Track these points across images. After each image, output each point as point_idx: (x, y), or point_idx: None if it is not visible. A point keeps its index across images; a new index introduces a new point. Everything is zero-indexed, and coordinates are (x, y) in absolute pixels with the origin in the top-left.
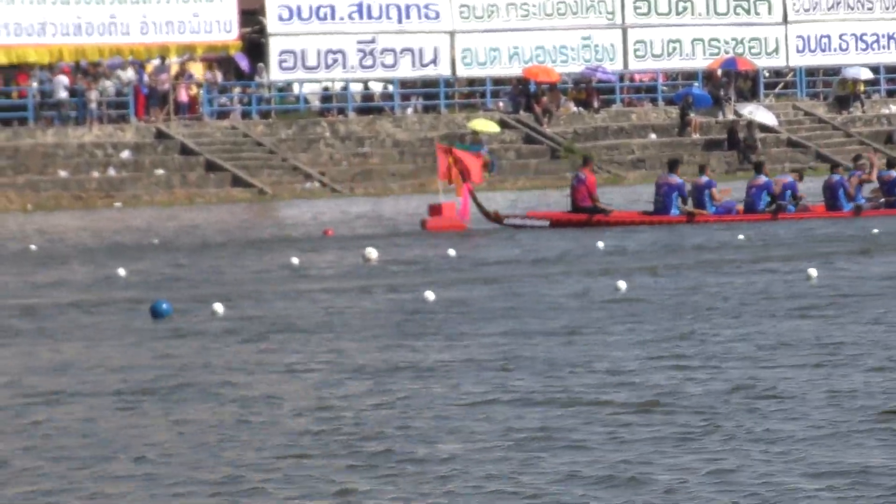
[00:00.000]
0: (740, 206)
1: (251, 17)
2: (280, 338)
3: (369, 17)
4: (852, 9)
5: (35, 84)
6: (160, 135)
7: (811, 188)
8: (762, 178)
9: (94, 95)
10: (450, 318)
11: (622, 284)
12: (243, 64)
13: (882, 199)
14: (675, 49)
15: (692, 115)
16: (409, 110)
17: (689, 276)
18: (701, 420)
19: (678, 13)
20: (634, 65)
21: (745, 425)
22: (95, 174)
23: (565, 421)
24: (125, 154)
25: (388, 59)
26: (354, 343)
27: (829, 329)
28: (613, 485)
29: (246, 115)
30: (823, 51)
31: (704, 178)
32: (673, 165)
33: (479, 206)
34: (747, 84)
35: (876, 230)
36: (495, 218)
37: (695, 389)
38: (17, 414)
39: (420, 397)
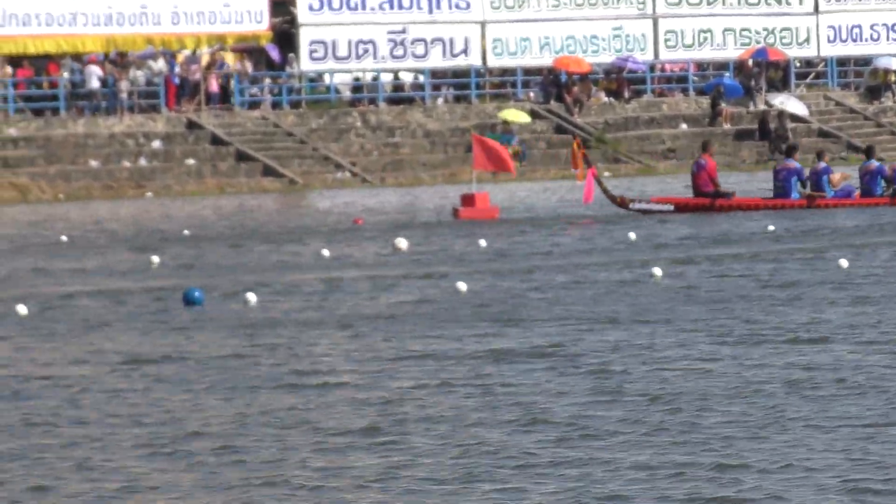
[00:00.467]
0: (857, 192)
1: (282, 7)
2: (311, 326)
3: (400, 7)
4: (883, 0)
5: (66, 74)
6: (191, 125)
7: None
8: (874, 164)
9: (124, 86)
10: (491, 310)
11: (657, 271)
12: (274, 54)
13: None
14: (706, 39)
15: (723, 105)
16: (440, 100)
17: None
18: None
19: (709, 3)
20: (665, 55)
21: None
22: (126, 164)
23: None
24: (156, 144)
25: (419, 50)
26: (383, 332)
27: None
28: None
29: (276, 105)
30: (854, 41)
31: (822, 164)
32: (791, 151)
33: (604, 190)
34: (778, 74)
35: None
36: (621, 203)
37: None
38: (52, 396)
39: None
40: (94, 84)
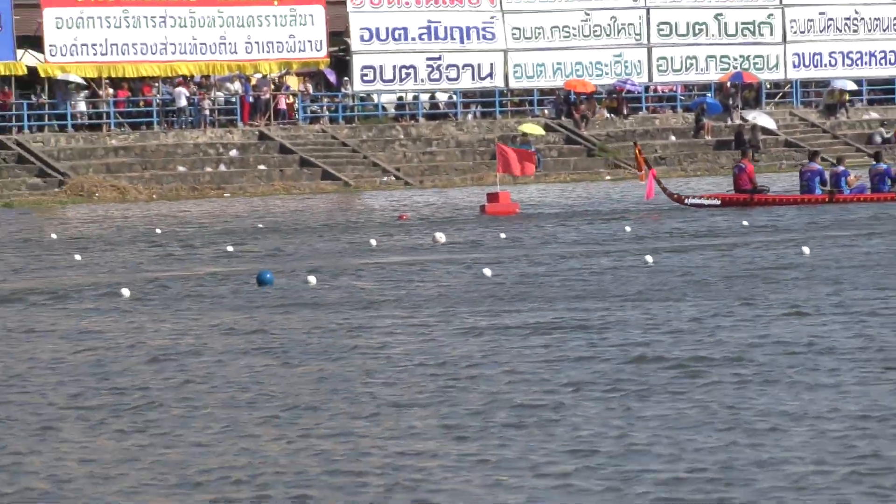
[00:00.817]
0: (869, 189)
1: (338, 37)
2: (362, 304)
3: (436, 38)
4: (840, 31)
5: (158, 95)
6: (262, 136)
7: None
8: (882, 166)
9: (207, 104)
10: (514, 292)
11: (649, 258)
12: (331, 77)
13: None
14: (691, 64)
15: (705, 120)
16: (470, 116)
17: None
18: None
19: (694, 34)
20: (657, 78)
21: None
22: (208, 169)
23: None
24: (233, 153)
25: (452, 74)
26: (425, 307)
27: None
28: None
29: (333, 120)
30: (815, 66)
31: (841, 168)
32: (813, 156)
33: (663, 189)
34: (751, 94)
35: None
36: (678, 199)
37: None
38: (147, 370)
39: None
40: (182, 103)
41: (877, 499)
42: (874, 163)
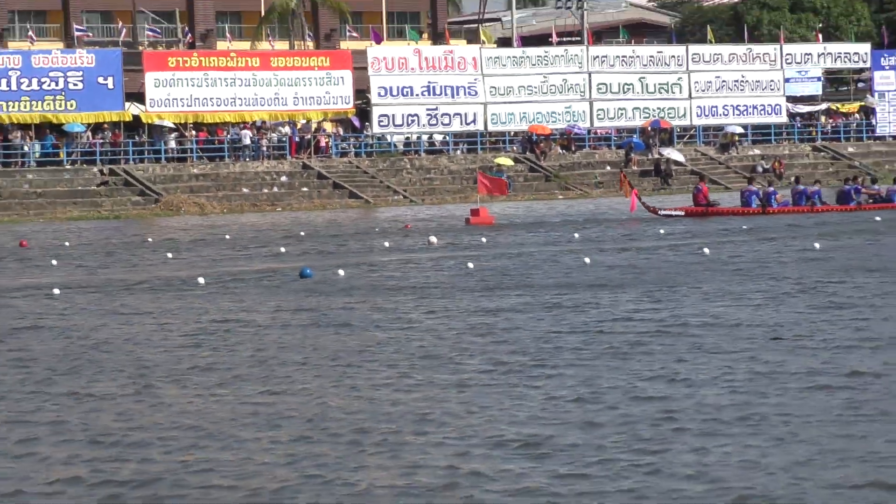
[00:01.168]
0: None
1: (361, 94)
2: (380, 290)
3: (434, 94)
4: (731, 90)
5: (228, 135)
6: (304, 166)
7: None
8: (800, 187)
9: (264, 142)
10: (491, 280)
11: (587, 260)
12: (356, 123)
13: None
14: (622, 114)
15: (633, 154)
16: (458, 152)
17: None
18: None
19: (624, 92)
20: (597, 123)
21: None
22: (265, 191)
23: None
24: (283, 178)
25: (446, 120)
26: (426, 292)
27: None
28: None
29: (357, 154)
30: (713, 115)
31: (771, 189)
32: (750, 180)
33: (643, 203)
34: (666, 136)
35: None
36: (653, 211)
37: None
38: (222, 338)
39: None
40: (246, 141)
41: (750, 429)
42: (795, 184)
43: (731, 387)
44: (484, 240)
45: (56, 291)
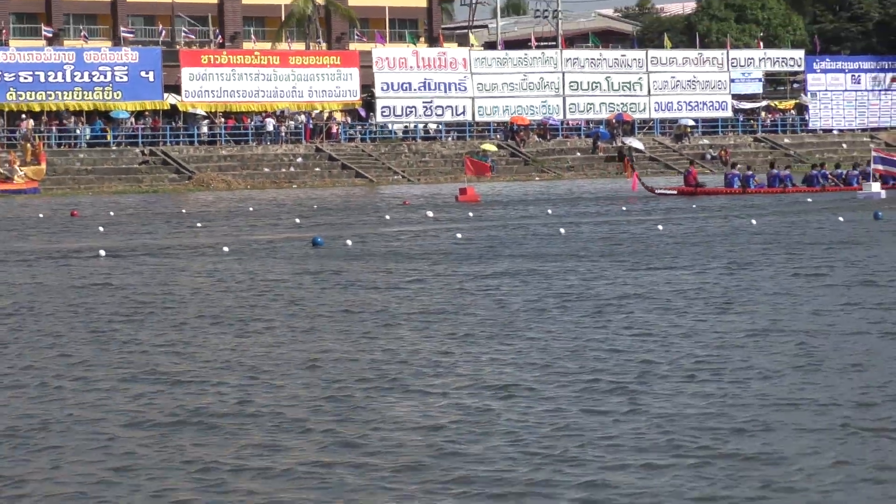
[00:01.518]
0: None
1: (367, 88)
2: (383, 256)
3: (429, 89)
4: (684, 88)
5: (252, 122)
6: (317, 150)
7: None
8: (774, 171)
9: (283, 129)
10: (477, 248)
11: (562, 230)
12: (362, 113)
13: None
14: (590, 108)
15: (600, 143)
16: (449, 138)
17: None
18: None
19: (592, 89)
20: (569, 116)
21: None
22: (283, 170)
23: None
24: (299, 160)
25: (439, 111)
26: (422, 258)
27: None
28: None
29: (363, 140)
30: (669, 110)
31: (750, 172)
32: (733, 165)
33: (643, 183)
34: (628, 127)
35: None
36: (650, 190)
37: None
38: (245, 296)
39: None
40: (270, 128)
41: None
42: (770, 168)
43: (698, 341)
44: (471, 214)
45: (102, 254)
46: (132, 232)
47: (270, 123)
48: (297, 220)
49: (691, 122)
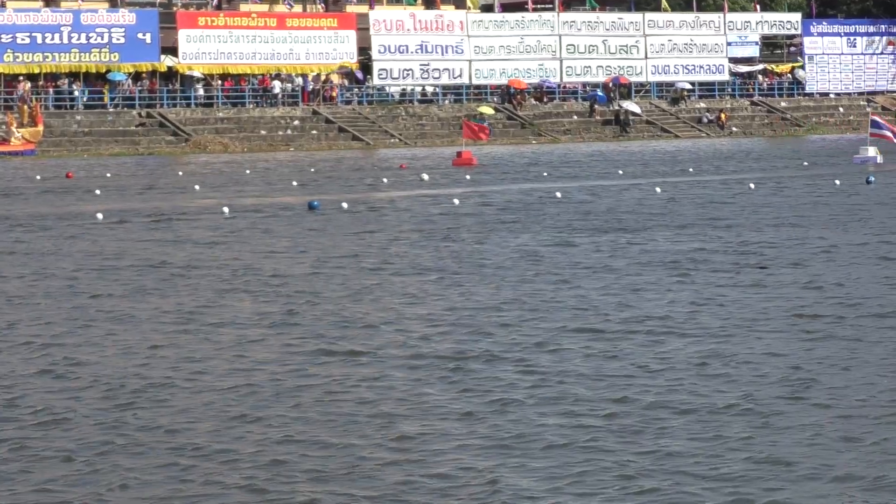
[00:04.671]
0: None
1: (364, 51)
2: (378, 220)
3: (426, 52)
4: (681, 52)
5: (249, 85)
6: (314, 112)
7: None
8: None
9: (279, 90)
10: (472, 214)
11: (558, 194)
12: (359, 76)
13: None
14: (587, 71)
15: (596, 106)
16: (446, 102)
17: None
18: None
19: (589, 52)
20: (566, 79)
21: None
22: (280, 133)
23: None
24: (296, 122)
25: (436, 74)
26: (416, 220)
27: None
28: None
29: (360, 103)
30: (665, 73)
31: None
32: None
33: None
34: (625, 90)
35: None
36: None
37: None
38: (242, 257)
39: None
40: (276, 91)
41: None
42: None
43: (673, 302)
44: (468, 177)
45: (99, 217)
46: (129, 195)
47: (278, 86)
48: (294, 183)
49: (688, 86)
